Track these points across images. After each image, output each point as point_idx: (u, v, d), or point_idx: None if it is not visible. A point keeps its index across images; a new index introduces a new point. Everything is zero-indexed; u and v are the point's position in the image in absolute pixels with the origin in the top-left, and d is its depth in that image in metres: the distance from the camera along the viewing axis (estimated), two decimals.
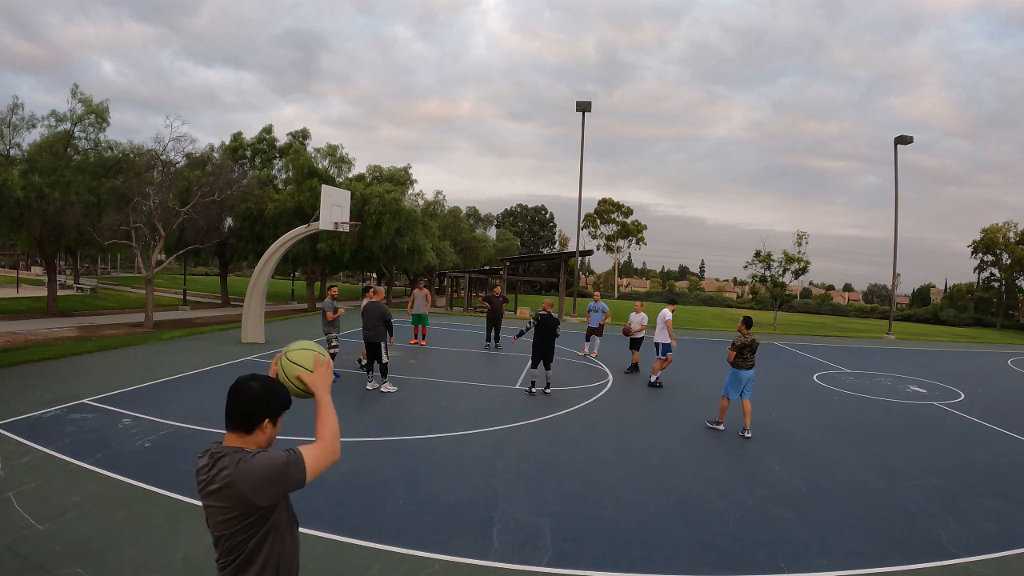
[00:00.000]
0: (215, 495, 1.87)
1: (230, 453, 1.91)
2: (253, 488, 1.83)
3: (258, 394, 1.99)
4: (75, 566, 3.89)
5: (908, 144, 29.82)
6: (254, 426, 1.98)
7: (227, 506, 1.86)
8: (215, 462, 1.92)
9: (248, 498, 1.83)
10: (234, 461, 1.87)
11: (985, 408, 11.11)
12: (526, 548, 4.55)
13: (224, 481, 1.85)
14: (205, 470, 1.93)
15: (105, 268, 56.13)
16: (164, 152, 20.32)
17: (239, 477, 1.83)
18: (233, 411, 1.99)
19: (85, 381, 9.18)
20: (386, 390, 9.68)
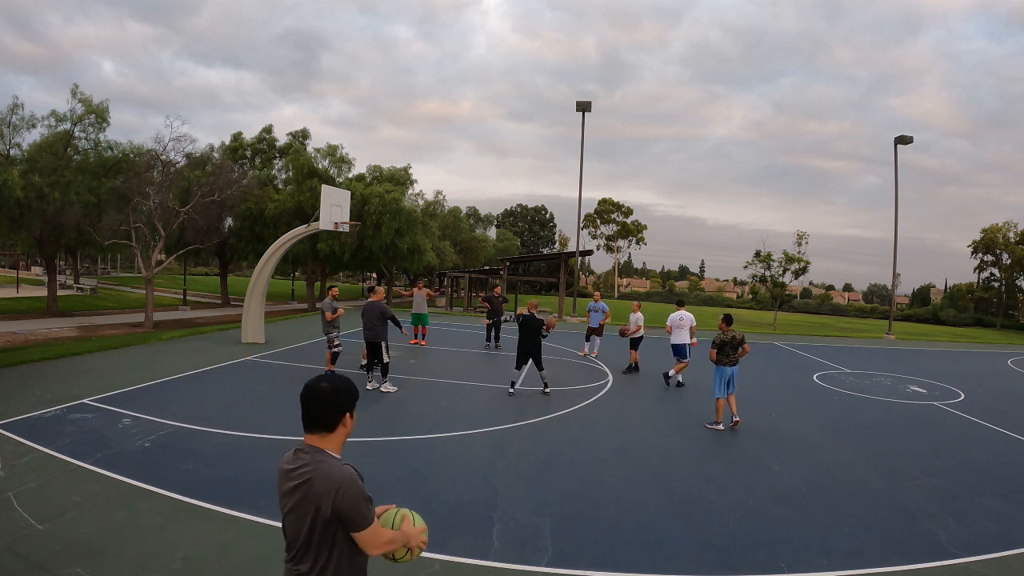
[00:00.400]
0: (293, 493, 1.97)
1: (312, 452, 2.02)
2: (326, 491, 1.91)
3: (332, 393, 2.07)
4: (75, 566, 3.89)
5: (908, 144, 29.83)
6: (336, 423, 2.07)
7: (302, 506, 1.94)
8: (297, 460, 2.02)
9: (319, 501, 1.91)
10: (316, 460, 1.98)
11: (985, 408, 11.11)
12: (526, 548, 4.55)
13: (303, 478, 1.95)
14: (288, 469, 2.02)
15: (105, 268, 56.13)
16: (164, 152, 20.33)
17: (318, 476, 1.93)
18: (313, 414, 2.05)
19: (85, 381, 9.18)
20: (386, 390, 9.68)
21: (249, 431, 7.07)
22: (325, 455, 2.01)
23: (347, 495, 1.91)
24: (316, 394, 2.06)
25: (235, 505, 4.96)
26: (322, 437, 2.05)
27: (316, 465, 1.96)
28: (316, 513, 1.93)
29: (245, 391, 9.31)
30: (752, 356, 17.67)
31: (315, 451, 2.01)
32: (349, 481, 1.94)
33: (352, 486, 1.94)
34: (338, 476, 1.94)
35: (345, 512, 1.91)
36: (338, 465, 1.98)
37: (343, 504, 1.91)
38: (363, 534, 1.95)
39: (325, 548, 1.96)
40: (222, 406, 8.26)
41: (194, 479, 5.49)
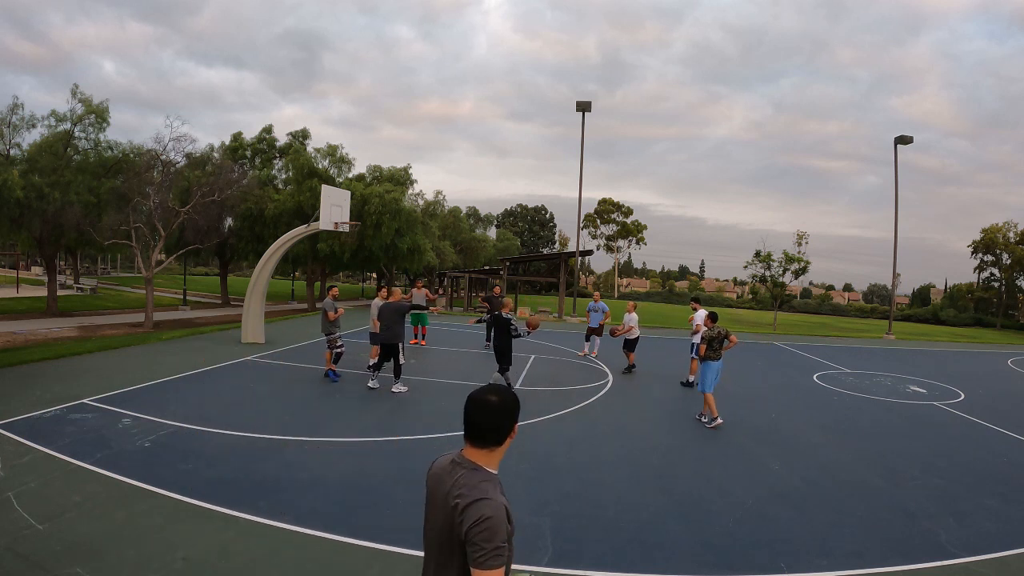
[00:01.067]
0: (439, 506, 1.93)
1: (471, 469, 1.93)
2: (469, 516, 1.81)
3: (502, 407, 1.96)
4: (75, 566, 3.89)
5: (908, 144, 29.83)
6: (505, 437, 1.97)
7: (442, 522, 1.90)
8: (454, 473, 1.94)
9: (460, 524, 1.82)
10: (474, 481, 1.89)
11: (985, 408, 11.11)
12: (526, 548, 4.55)
13: (455, 497, 1.86)
14: (442, 479, 1.97)
15: (105, 268, 56.12)
16: (164, 152, 20.34)
17: (471, 499, 1.83)
18: (482, 427, 1.94)
19: (85, 381, 9.18)
20: (397, 391, 9.74)
21: (249, 431, 7.07)
22: (486, 474, 1.92)
23: (487, 527, 1.78)
24: (486, 406, 1.94)
25: (235, 505, 4.95)
26: (487, 452, 1.96)
27: (474, 487, 1.86)
28: (451, 534, 1.86)
29: (245, 391, 9.31)
30: (752, 356, 17.74)
31: (476, 469, 1.92)
32: (496, 515, 1.81)
33: (496, 521, 1.80)
34: (488, 504, 1.82)
35: (473, 542, 1.78)
36: (495, 493, 1.88)
37: (476, 535, 1.78)
38: (483, 574, 1.77)
39: (445, 569, 1.90)
40: (222, 406, 8.26)
41: (194, 479, 5.49)
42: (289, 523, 4.71)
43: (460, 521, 1.81)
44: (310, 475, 5.80)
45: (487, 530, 1.77)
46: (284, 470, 5.90)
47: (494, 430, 1.93)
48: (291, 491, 5.37)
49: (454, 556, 1.86)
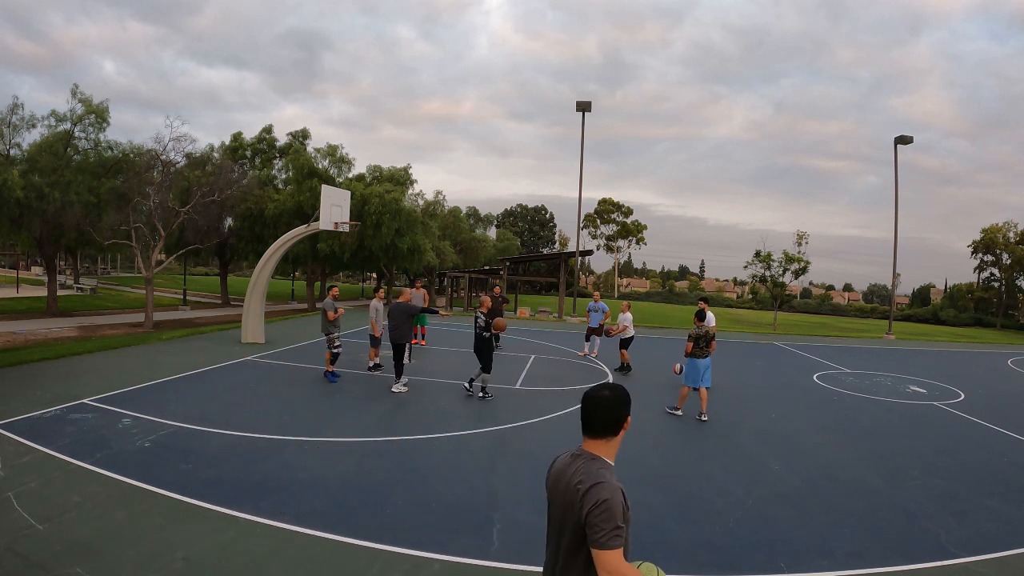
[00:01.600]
0: (564, 496, 2.07)
1: (591, 459, 2.10)
2: (590, 499, 1.96)
3: (615, 401, 2.15)
4: (75, 566, 3.89)
5: (908, 144, 29.82)
6: (620, 429, 2.15)
7: (568, 510, 2.05)
8: (575, 463, 2.12)
9: (582, 508, 1.97)
10: (595, 469, 2.05)
11: (985, 408, 11.11)
12: (526, 548, 4.55)
13: (579, 483, 2.02)
14: (563, 471, 2.14)
15: (105, 268, 56.13)
16: (164, 152, 20.31)
17: (593, 484, 1.99)
18: (599, 420, 2.13)
19: (85, 381, 9.18)
20: (396, 390, 9.76)
21: (249, 431, 7.07)
22: (603, 463, 2.08)
23: (604, 508, 1.93)
24: (600, 402, 2.13)
25: (235, 505, 4.96)
26: (604, 443, 2.13)
27: (592, 473, 2.02)
28: (571, 520, 2.02)
29: (245, 391, 9.31)
30: (752, 356, 17.75)
31: (594, 458, 2.09)
32: (613, 497, 1.96)
33: (613, 503, 1.95)
34: (605, 488, 1.97)
35: (595, 523, 1.92)
36: (612, 479, 2.03)
37: (595, 517, 1.93)
38: (602, 554, 1.92)
39: (572, 556, 2.04)
40: (222, 406, 8.26)
41: (194, 479, 5.49)
42: (289, 523, 4.71)
43: (581, 505, 1.97)
44: (310, 475, 5.80)
45: (605, 511, 1.92)
46: (284, 470, 5.90)
47: (610, 423, 2.13)
48: (291, 491, 5.37)
49: (570, 536, 2.02)
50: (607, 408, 2.13)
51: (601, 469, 2.04)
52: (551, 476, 2.21)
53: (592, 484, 1.98)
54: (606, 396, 2.14)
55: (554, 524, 2.16)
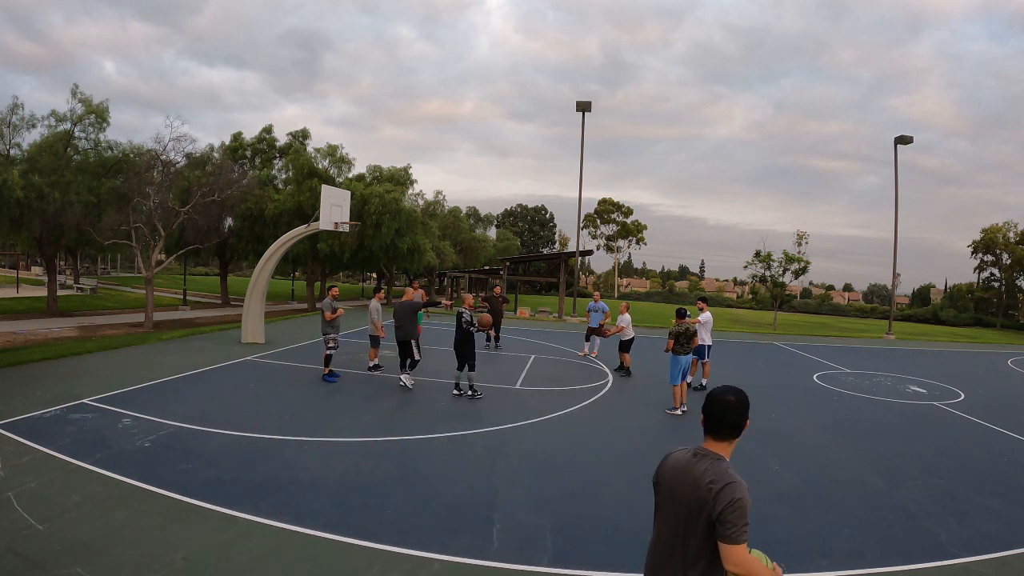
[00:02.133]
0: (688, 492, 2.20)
1: (716, 458, 2.25)
2: (723, 498, 2.10)
3: (740, 405, 2.30)
4: (75, 566, 3.89)
5: (908, 144, 29.81)
6: (741, 430, 2.30)
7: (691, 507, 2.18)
8: (701, 463, 2.24)
9: (713, 505, 2.11)
10: (722, 467, 2.20)
11: (985, 408, 11.11)
12: (526, 548, 4.55)
13: (711, 483, 2.15)
14: (684, 468, 2.27)
15: (105, 268, 56.12)
16: (164, 152, 20.31)
17: (724, 482, 2.13)
18: (724, 422, 2.28)
19: (85, 381, 9.18)
20: (403, 383, 9.90)
21: (249, 431, 7.07)
22: (727, 462, 2.23)
23: (737, 506, 2.08)
24: (726, 406, 2.28)
25: (235, 505, 4.96)
26: (727, 444, 2.29)
27: (722, 473, 2.16)
28: (701, 516, 2.14)
29: (245, 391, 9.31)
30: (752, 356, 17.75)
31: (720, 459, 2.24)
32: (745, 496, 2.11)
33: (745, 501, 2.10)
34: (738, 487, 2.12)
35: (728, 520, 2.07)
36: (738, 477, 2.18)
37: (729, 515, 2.07)
38: (732, 548, 2.06)
39: (698, 547, 2.16)
40: (222, 406, 8.26)
41: (194, 479, 5.49)
42: (289, 523, 4.71)
43: (714, 503, 2.10)
44: (310, 475, 5.80)
45: (739, 509, 2.08)
46: (284, 470, 5.90)
47: (734, 425, 2.28)
48: (291, 491, 5.37)
49: (698, 530, 2.16)
50: (733, 412, 2.27)
51: (729, 469, 2.19)
52: (667, 471, 2.35)
53: (725, 484, 2.12)
54: (731, 401, 2.28)
55: (671, 517, 2.27)
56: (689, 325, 9.45)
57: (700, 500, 2.16)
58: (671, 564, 2.24)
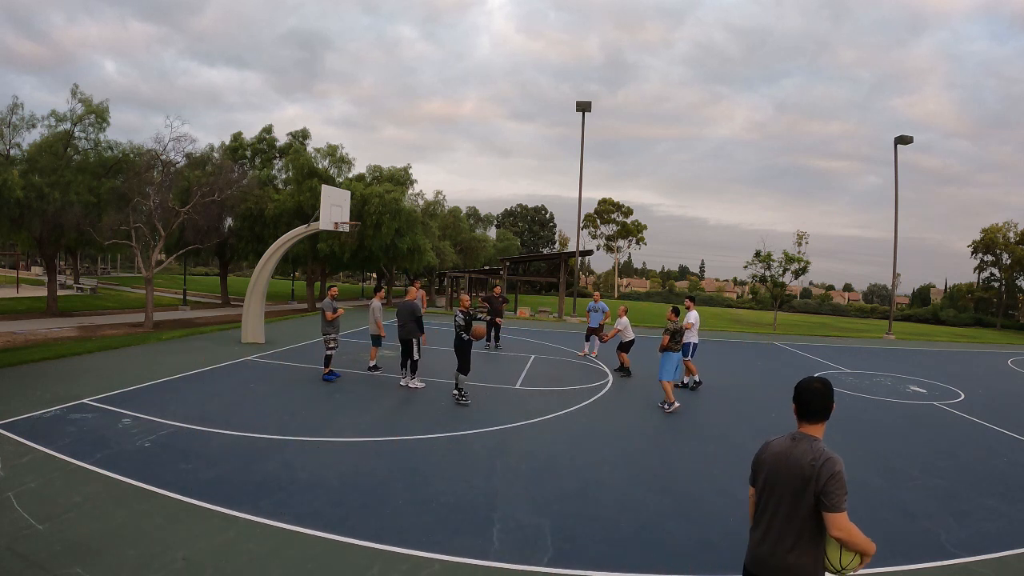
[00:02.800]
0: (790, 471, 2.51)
1: (812, 440, 2.56)
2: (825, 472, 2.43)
3: (826, 391, 2.61)
4: (75, 566, 3.89)
5: (908, 144, 29.80)
6: (829, 414, 2.62)
7: (792, 484, 2.50)
8: (798, 445, 2.56)
9: (815, 481, 2.43)
10: (818, 447, 2.52)
11: (985, 408, 11.11)
12: (526, 548, 4.55)
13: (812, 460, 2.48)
14: (786, 451, 2.58)
15: (105, 268, 56.13)
16: (164, 152, 20.32)
17: (826, 459, 2.46)
18: (817, 407, 2.60)
19: (85, 381, 9.18)
20: (414, 386, 9.90)
21: (249, 431, 7.07)
22: (821, 442, 2.55)
23: (837, 478, 2.42)
24: (815, 393, 2.60)
25: (235, 505, 4.96)
26: (819, 426, 2.60)
27: (820, 451, 2.49)
28: (807, 491, 2.46)
29: (245, 391, 9.31)
30: (752, 356, 17.75)
31: (815, 440, 2.56)
32: (842, 469, 2.44)
33: (843, 473, 2.44)
34: (836, 461, 2.46)
35: (831, 492, 2.41)
36: (834, 453, 2.50)
37: (831, 486, 2.41)
38: (836, 516, 2.40)
39: (804, 522, 2.48)
40: (222, 406, 8.26)
41: (194, 479, 5.49)
42: (289, 523, 4.71)
43: (818, 477, 2.43)
44: (310, 475, 5.80)
45: (839, 481, 2.43)
46: (284, 470, 5.90)
47: (825, 409, 2.60)
48: (291, 491, 5.37)
49: (804, 504, 2.47)
50: (822, 397, 2.59)
51: (825, 448, 2.52)
52: (769, 458, 2.65)
53: (825, 460, 2.46)
54: (819, 388, 2.60)
55: (776, 495, 2.58)
56: (681, 324, 9.58)
57: (805, 477, 2.47)
58: (779, 535, 2.55)
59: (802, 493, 2.47)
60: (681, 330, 9.49)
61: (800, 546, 2.50)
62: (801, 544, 2.50)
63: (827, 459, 2.46)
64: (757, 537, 2.67)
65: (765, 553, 2.61)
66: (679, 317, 9.62)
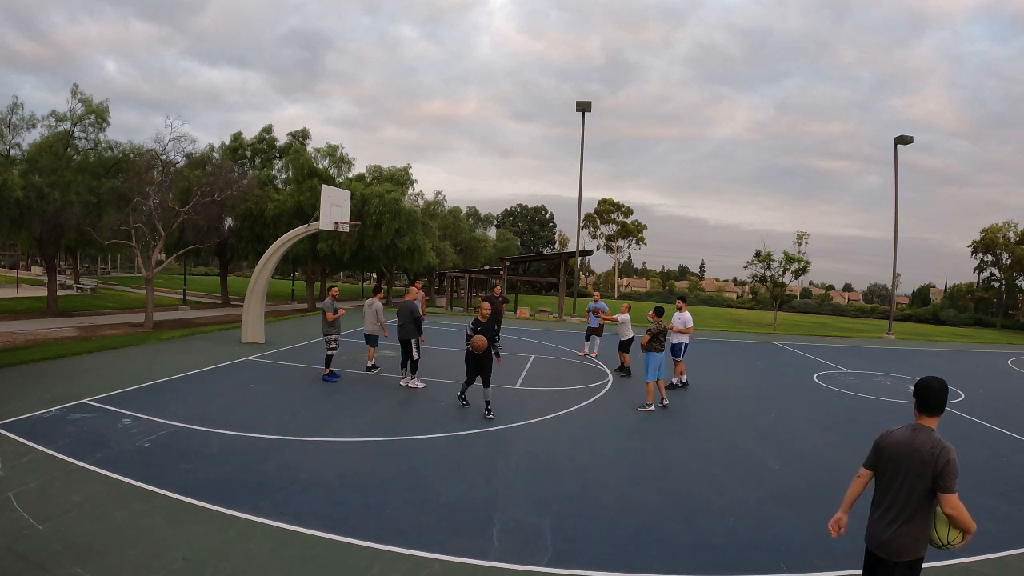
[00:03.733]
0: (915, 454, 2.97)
1: (929, 431, 3.04)
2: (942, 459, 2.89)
3: (943, 389, 3.08)
4: (75, 566, 3.89)
5: (908, 144, 29.81)
6: (944, 407, 3.08)
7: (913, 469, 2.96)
8: (917, 436, 3.03)
9: (933, 466, 2.90)
10: (935, 437, 2.99)
11: (985, 408, 11.11)
12: (526, 548, 4.55)
13: (930, 451, 2.94)
14: (908, 440, 3.04)
15: (105, 268, 56.15)
16: (164, 152, 20.33)
17: (942, 448, 2.92)
18: (933, 402, 3.07)
19: (85, 381, 9.18)
20: (414, 386, 9.89)
21: (249, 431, 7.07)
22: (937, 433, 3.01)
23: (952, 464, 2.86)
24: (933, 390, 3.07)
25: (235, 505, 4.96)
26: (936, 418, 3.07)
27: (937, 441, 2.96)
28: (925, 474, 2.91)
29: (245, 391, 9.31)
30: (752, 356, 17.75)
31: (932, 431, 3.03)
32: (954, 455, 2.89)
33: (955, 460, 2.88)
34: (951, 450, 2.91)
35: (947, 476, 2.85)
36: (948, 442, 2.95)
37: (947, 471, 2.85)
38: (950, 496, 2.85)
39: (919, 502, 2.96)
40: (222, 406, 8.26)
41: (194, 479, 5.49)
42: (289, 523, 4.71)
43: (936, 463, 2.89)
44: (310, 475, 5.80)
45: (953, 466, 2.87)
46: (284, 470, 5.90)
47: (940, 405, 3.08)
48: (291, 491, 5.37)
49: (921, 485, 2.94)
50: (938, 394, 3.05)
51: (941, 438, 2.98)
52: (892, 445, 3.10)
53: (942, 448, 2.91)
54: (936, 386, 3.07)
55: (896, 478, 3.04)
56: (663, 324, 9.56)
57: (924, 463, 2.93)
58: (897, 512, 3.02)
59: (921, 476, 2.93)
60: (664, 331, 9.48)
61: (914, 520, 2.97)
62: (915, 519, 2.97)
63: (943, 448, 2.91)
64: (877, 513, 3.14)
65: (882, 526, 3.09)
66: (662, 318, 9.60)
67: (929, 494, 2.93)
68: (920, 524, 2.98)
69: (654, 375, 9.36)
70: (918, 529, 2.98)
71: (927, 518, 2.97)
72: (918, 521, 2.98)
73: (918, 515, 2.97)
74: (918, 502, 2.96)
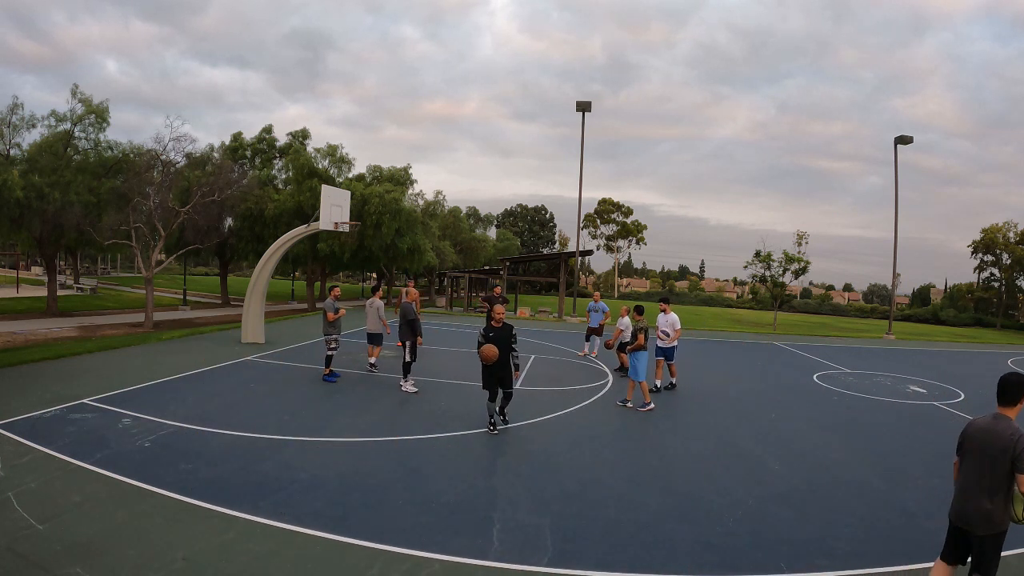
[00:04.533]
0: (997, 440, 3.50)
1: (1007, 420, 3.57)
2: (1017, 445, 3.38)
3: (1020, 382, 3.58)
4: (75, 566, 3.89)
5: (908, 144, 29.80)
6: (1019, 400, 3.61)
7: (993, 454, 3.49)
8: (998, 424, 3.57)
9: (1012, 451, 3.39)
10: (1013, 425, 3.50)
11: (985, 408, 10.99)
12: (526, 548, 4.55)
13: (1010, 436, 3.46)
14: (990, 427, 3.59)
15: (105, 268, 56.14)
16: (164, 152, 20.34)
17: (1019, 435, 3.40)
18: (1011, 395, 3.61)
19: (85, 381, 9.18)
20: (406, 389, 9.84)
21: (249, 431, 7.07)
22: (1015, 422, 3.52)
23: None
24: (1012, 384, 3.60)
25: (235, 505, 4.96)
26: (1014, 408, 3.59)
27: (1016, 429, 3.44)
28: (1005, 458, 3.41)
29: (245, 391, 9.31)
30: (752, 356, 17.75)
31: (1010, 419, 3.55)
32: None
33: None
34: None
35: (1022, 457, 3.34)
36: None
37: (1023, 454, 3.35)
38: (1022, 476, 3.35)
39: (999, 481, 3.46)
40: (222, 406, 8.26)
41: (194, 479, 5.49)
42: (289, 523, 4.71)
43: (1015, 447, 3.38)
44: (310, 475, 5.80)
45: None
46: (284, 470, 5.90)
47: (1018, 396, 3.59)
48: (291, 491, 5.37)
49: (1002, 468, 3.45)
50: (1015, 387, 3.58)
51: (1018, 426, 3.46)
52: (976, 432, 3.66)
53: (1021, 435, 3.40)
54: (1015, 380, 3.59)
55: (979, 462, 3.57)
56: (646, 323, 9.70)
57: (1004, 448, 3.42)
58: (979, 494, 3.52)
59: (1001, 459, 3.42)
60: (645, 328, 9.62)
61: (995, 497, 3.45)
62: (996, 496, 3.45)
63: (1021, 435, 3.39)
64: (963, 491, 3.63)
65: (965, 502, 3.61)
66: (642, 316, 9.83)
67: (1008, 475, 3.39)
68: (1002, 501, 3.44)
69: (645, 374, 9.45)
70: (999, 506, 3.44)
71: (1006, 494, 3.43)
72: (1000, 499, 3.44)
73: (999, 493, 3.44)
74: (997, 480, 3.43)
